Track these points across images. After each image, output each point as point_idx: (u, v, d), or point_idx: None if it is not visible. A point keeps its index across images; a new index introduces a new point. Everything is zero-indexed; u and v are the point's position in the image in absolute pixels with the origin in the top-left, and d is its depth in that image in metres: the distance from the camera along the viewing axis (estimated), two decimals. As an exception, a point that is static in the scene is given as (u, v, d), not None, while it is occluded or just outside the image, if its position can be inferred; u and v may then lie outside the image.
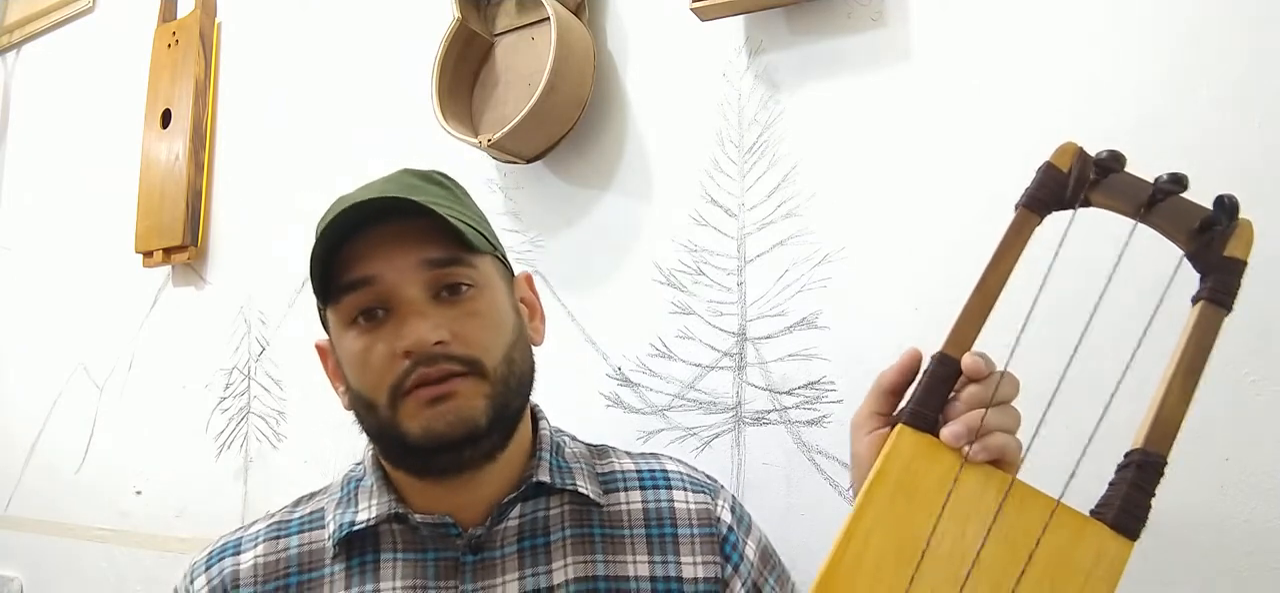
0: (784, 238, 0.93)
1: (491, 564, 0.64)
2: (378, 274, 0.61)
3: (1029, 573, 0.48)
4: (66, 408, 1.63)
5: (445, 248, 0.62)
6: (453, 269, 0.62)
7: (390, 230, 0.61)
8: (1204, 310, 0.50)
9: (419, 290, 0.61)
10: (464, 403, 0.60)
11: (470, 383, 0.61)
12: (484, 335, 0.62)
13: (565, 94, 1.00)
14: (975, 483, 0.50)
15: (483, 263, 0.64)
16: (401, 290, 0.61)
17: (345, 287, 0.61)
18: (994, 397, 0.51)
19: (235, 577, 0.65)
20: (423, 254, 0.61)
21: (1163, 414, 0.49)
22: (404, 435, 0.60)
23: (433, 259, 0.61)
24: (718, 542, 0.69)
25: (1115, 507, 0.49)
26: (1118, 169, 0.52)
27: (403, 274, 0.61)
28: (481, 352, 0.61)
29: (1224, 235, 0.51)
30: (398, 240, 0.61)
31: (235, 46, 1.48)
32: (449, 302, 0.62)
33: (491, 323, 0.63)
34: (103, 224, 1.61)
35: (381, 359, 0.60)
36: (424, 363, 0.59)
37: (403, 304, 0.61)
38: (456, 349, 0.60)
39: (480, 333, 0.62)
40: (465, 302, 0.62)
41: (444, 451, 0.60)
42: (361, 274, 0.61)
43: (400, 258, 0.61)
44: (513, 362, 0.64)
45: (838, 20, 0.92)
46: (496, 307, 0.64)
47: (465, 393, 0.60)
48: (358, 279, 0.61)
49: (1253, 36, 0.72)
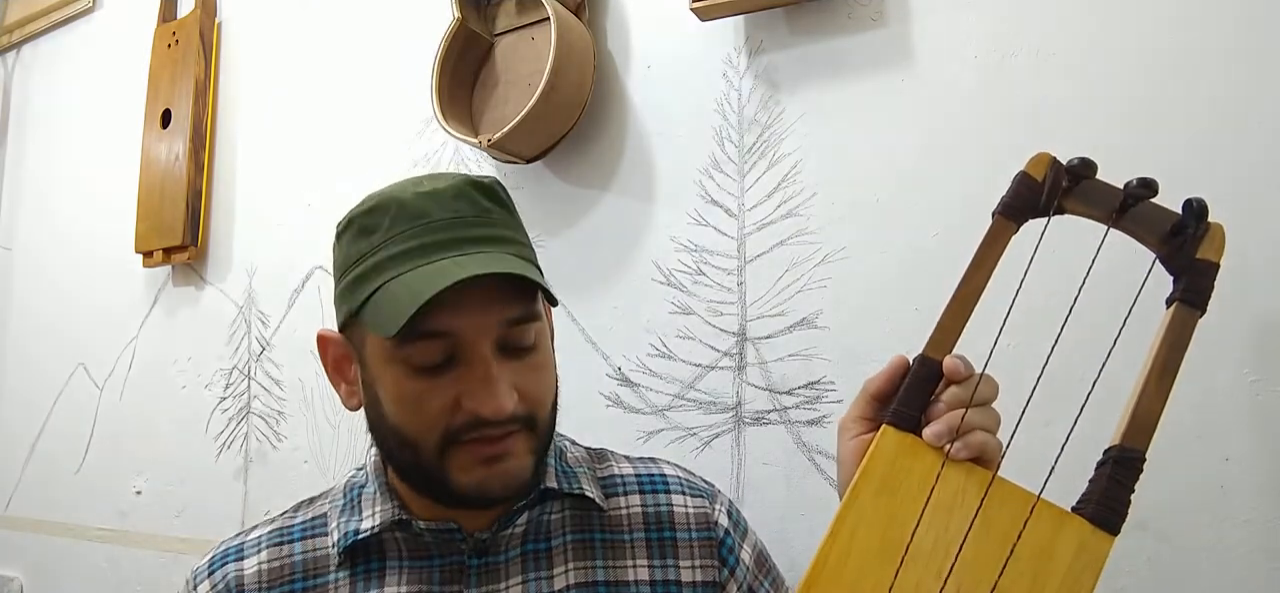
0: (784, 238, 0.93)
1: (496, 569, 0.65)
2: (458, 330, 0.58)
3: (1011, 567, 0.49)
4: (66, 408, 1.63)
5: (523, 305, 0.60)
6: (526, 327, 0.61)
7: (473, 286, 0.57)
8: (1178, 312, 0.52)
9: (492, 347, 0.59)
10: (516, 463, 0.60)
11: (522, 439, 0.61)
12: (541, 391, 0.62)
13: (565, 94, 1.00)
14: (957, 481, 0.52)
15: (541, 311, 0.64)
16: (477, 348, 0.58)
17: (419, 334, 0.57)
18: (974, 397, 0.52)
19: (239, 583, 0.65)
20: (504, 313, 0.59)
21: (1139, 412, 0.51)
22: (448, 481, 0.60)
23: (512, 318, 0.60)
24: (715, 546, 0.69)
25: (1094, 502, 0.50)
26: (1090, 176, 0.53)
27: (481, 331, 0.58)
28: (537, 407, 0.62)
29: (1196, 239, 0.52)
30: (479, 296, 0.58)
31: (235, 46, 1.48)
32: (515, 356, 0.61)
33: (548, 376, 0.64)
34: (103, 224, 1.61)
35: (440, 406, 0.58)
36: (490, 425, 0.58)
37: (476, 361, 0.58)
38: (520, 409, 0.60)
39: (538, 389, 0.62)
40: (530, 357, 0.62)
41: (487, 504, 0.62)
42: (440, 327, 0.57)
43: (479, 316, 0.58)
44: (554, 409, 0.65)
45: (838, 20, 0.92)
46: (550, 357, 0.65)
47: (517, 451, 0.60)
48: (436, 330, 0.57)
49: (1250, 39, 0.73)
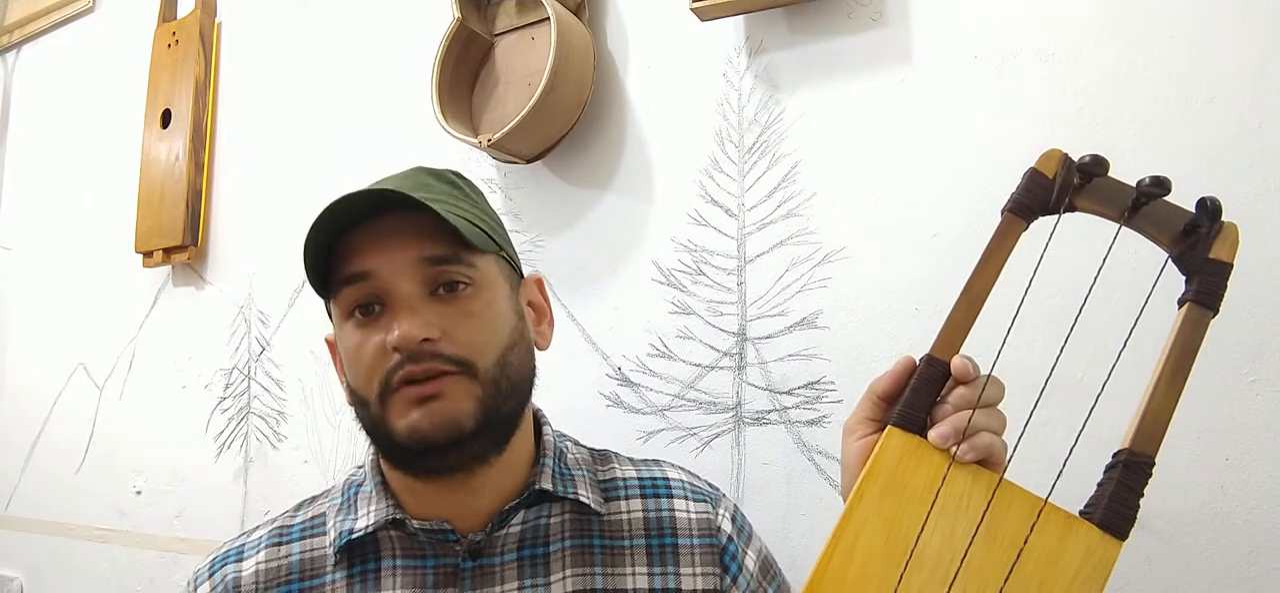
0: (784, 238, 0.93)
1: (490, 572, 0.64)
2: (374, 269, 0.60)
3: (1017, 572, 0.49)
4: (66, 408, 1.63)
5: (444, 245, 0.61)
6: (449, 267, 0.61)
7: (389, 225, 0.61)
8: (1190, 312, 0.51)
9: (414, 286, 0.60)
10: (450, 404, 0.59)
11: (460, 383, 0.60)
12: (477, 335, 0.61)
13: (565, 94, 1.00)
14: (963, 483, 0.51)
15: (484, 262, 0.64)
16: (396, 286, 0.60)
17: (342, 280, 0.61)
18: (980, 399, 0.52)
19: (237, 583, 0.65)
20: (420, 251, 0.60)
21: (1149, 415, 0.50)
22: (391, 433, 0.60)
23: (430, 256, 0.61)
24: (717, 552, 0.68)
25: (1103, 506, 0.49)
26: (1101, 174, 0.52)
27: (398, 270, 0.60)
28: (473, 352, 0.60)
29: (1208, 238, 0.51)
30: (396, 235, 0.61)
31: (235, 46, 1.48)
32: (445, 300, 0.61)
33: (487, 323, 0.62)
34: (103, 224, 1.61)
35: (373, 354, 0.60)
36: (411, 360, 0.59)
37: (397, 300, 0.60)
38: (446, 348, 0.59)
39: (473, 333, 0.61)
40: (461, 300, 0.62)
41: (429, 452, 0.60)
42: (358, 268, 0.60)
43: (397, 253, 0.60)
44: (507, 364, 0.63)
45: (838, 20, 0.91)
46: (494, 307, 0.63)
47: (453, 394, 0.59)
48: (354, 273, 0.61)
49: (1255, 39, 0.73)
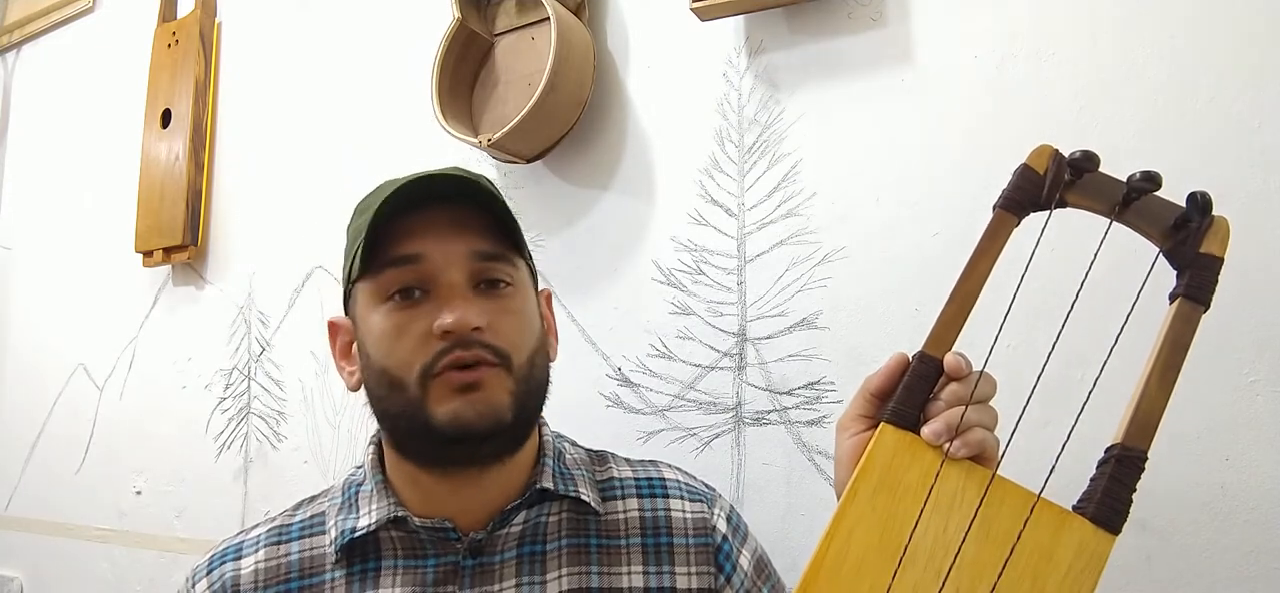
0: (784, 238, 0.93)
1: (490, 570, 0.64)
2: (427, 254, 0.61)
3: (1011, 567, 0.49)
4: (66, 408, 1.63)
5: (494, 243, 0.64)
6: (496, 265, 0.64)
7: (443, 215, 0.63)
8: (1181, 307, 0.51)
9: (463, 278, 0.62)
10: (492, 394, 0.60)
11: (499, 375, 0.61)
12: (516, 332, 0.63)
13: (565, 94, 1.00)
14: (956, 479, 0.51)
15: (520, 266, 0.67)
16: (447, 274, 0.61)
17: (391, 262, 0.62)
18: (973, 395, 0.52)
19: (236, 582, 0.65)
20: (473, 245, 0.62)
21: (1141, 410, 0.50)
22: (429, 418, 0.60)
23: (482, 251, 0.63)
24: (712, 552, 0.69)
25: (1096, 501, 0.50)
26: (1092, 170, 0.52)
27: (450, 259, 0.62)
28: (512, 347, 0.62)
29: (1199, 233, 0.51)
30: (449, 226, 0.62)
31: (235, 46, 1.48)
32: (486, 295, 0.63)
33: (523, 322, 0.64)
34: (103, 224, 1.61)
35: (416, 338, 0.61)
36: (461, 345, 0.60)
37: (445, 288, 0.61)
38: (491, 338, 0.61)
39: (513, 330, 0.63)
40: (502, 297, 0.64)
41: (467, 440, 0.60)
42: (410, 251, 0.61)
43: (450, 244, 0.62)
44: (536, 365, 0.65)
45: (838, 20, 0.92)
46: (528, 308, 0.66)
47: (493, 384, 0.61)
48: (406, 256, 0.61)
49: (1255, 39, 0.73)
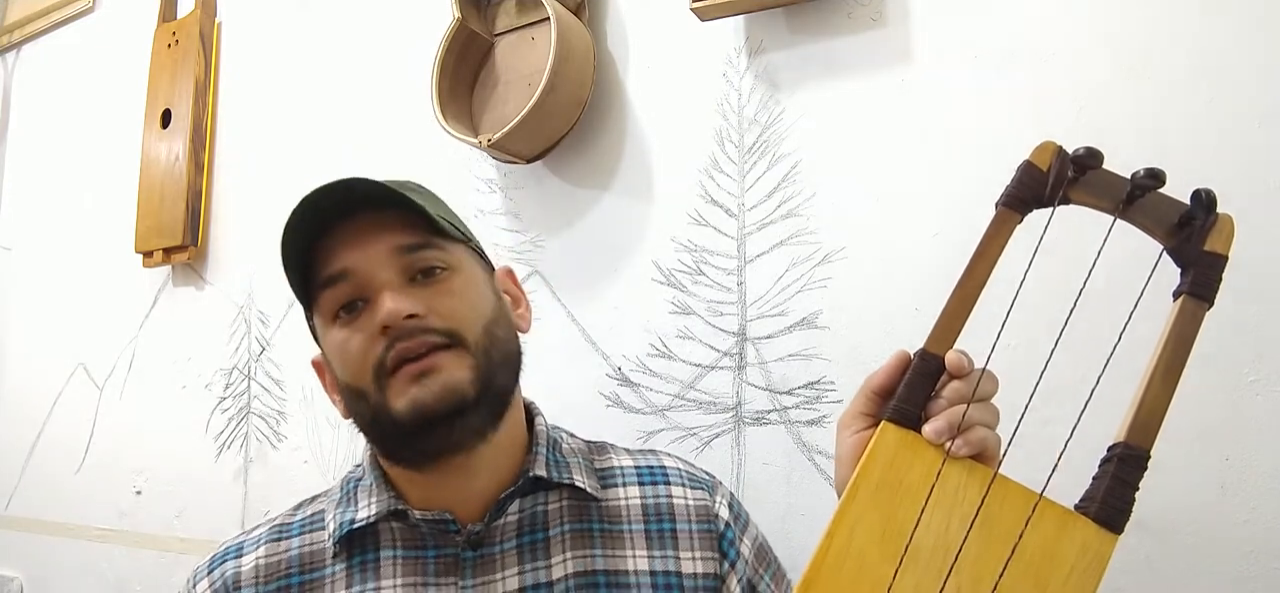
0: (784, 238, 0.93)
1: (491, 560, 0.64)
2: (351, 266, 0.62)
3: (1012, 567, 0.49)
4: (66, 408, 1.63)
5: (415, 234, 0.63)
6: (424, 253, 0.63)
7: (360, 224, 0.63)
8: (1185, 305, 0.50)
9: (393, 275, 0.62)
10: (448, 375, 0.60)
11: (452, 355, 0.61)
12: (460, 309, 0.63)
13: (565, 94, 1.00)
14: (958, 478, 0.51)
15: (454, 249, 0.65)
16: (376, 277, 0.61)
17: (322, 284, 0.63)
18: (975, 393, 0.51)
19: (237, 579, 0.65)
20: (393, 241, 0.62)
21: (1144, 408, 0.49)
22: (393, 416, 0.60)
23: (404, 245, 0.62)
24: (715, 538, 0.69)
25: (1098, 501, 0.49)
26: (1096, 166, 0.52)
27: (375, 262, 0.62)
28: (460, 324, 0.62)
29: (1203, 230, 0.51)
30: (368, 232, 0.62)
31: (235, 46, 1.48)
32: (423, 284, 0.63)
33: (467, 300, 0.64)
34: (103, 224, 1.61)
35: (362, 344, 0.61)
36: (402, 338, 0.60)
37: (379, 290, 0.61)
38: (434, 322, 0.61)
39: (455, 308, 0.62)
40: (440, 282, 0.63)
41: (434, 426, 0.60)
42: (336, 269, 0.62)
43: (372, 247, 0.62)
44: (494, 336, 0.64)
45: (838, 20, 0.92)
46: (472, 286, 0.65)
47: (448, 365, 0.60)
48: (333, 274, 0.62)
49: (1256, 38, 0.73)
